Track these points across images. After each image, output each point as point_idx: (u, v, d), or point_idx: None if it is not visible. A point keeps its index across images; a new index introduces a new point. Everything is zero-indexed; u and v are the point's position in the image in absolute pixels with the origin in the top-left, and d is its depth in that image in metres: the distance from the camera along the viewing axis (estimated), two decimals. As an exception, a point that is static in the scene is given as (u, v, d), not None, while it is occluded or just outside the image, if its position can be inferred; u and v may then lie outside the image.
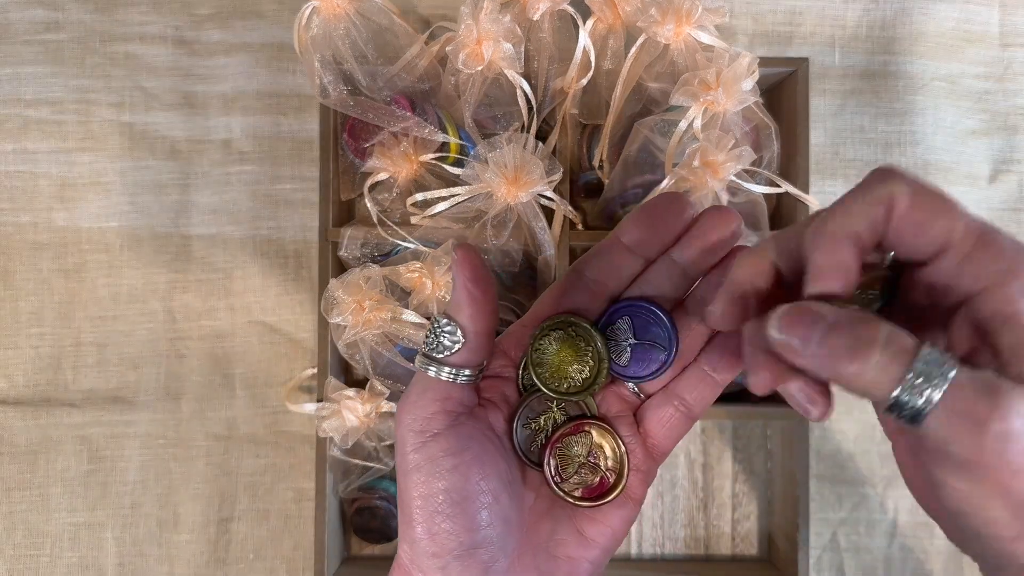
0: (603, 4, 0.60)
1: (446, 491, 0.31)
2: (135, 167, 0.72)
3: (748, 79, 0.54)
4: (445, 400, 0.32)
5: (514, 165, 0.55)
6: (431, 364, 0.32)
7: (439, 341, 0.31)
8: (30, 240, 0.72)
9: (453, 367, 0.31)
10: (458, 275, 0.31)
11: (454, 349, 0.31)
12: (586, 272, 0.34)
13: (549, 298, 0.34)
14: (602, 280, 0.33)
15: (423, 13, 0.72)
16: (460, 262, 0.30)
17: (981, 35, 0.73)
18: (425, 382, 0.32)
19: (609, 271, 0.33)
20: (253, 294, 0.72)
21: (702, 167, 0.54)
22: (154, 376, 0.72)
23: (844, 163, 0.73)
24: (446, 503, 0.31)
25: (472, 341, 0.31)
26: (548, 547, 0.34)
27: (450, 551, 0.31)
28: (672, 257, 0.33)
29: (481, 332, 0.31)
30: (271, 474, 0.72)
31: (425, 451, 0.31)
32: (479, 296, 0.30)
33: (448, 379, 0.31)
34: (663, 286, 0.33)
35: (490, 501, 0.32)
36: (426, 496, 0.31)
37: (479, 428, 0.33)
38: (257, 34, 0.72)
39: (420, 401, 0.32)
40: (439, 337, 0.31)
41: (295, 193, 0.72)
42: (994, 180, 0.73)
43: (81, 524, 0.72)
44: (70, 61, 0.72)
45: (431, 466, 0.31)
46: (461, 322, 0.31)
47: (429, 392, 0.32)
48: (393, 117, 0.58)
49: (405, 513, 0.31)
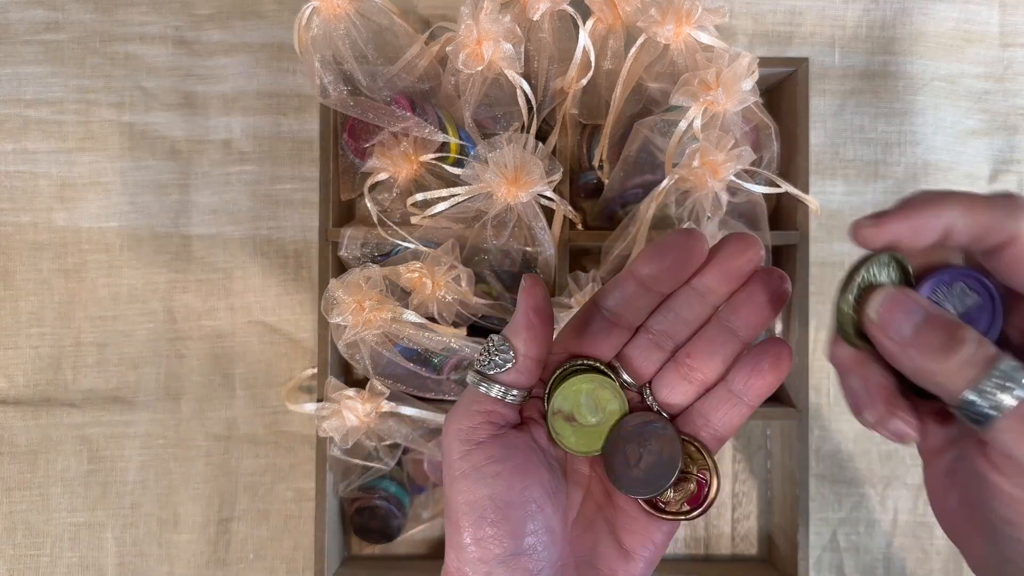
0: (603, 4, 0.60)
1: (491, 497, 0.32)
2: (135, 167, 0.72)
3: (748, 79, 0.54)
4: (491, 413, 0.33)
5: (514, 165, 0.55)
6: (483, 380, 0.33)
7: (492, 359, 0.33)
8: (30, 240, 0.72)
9: (503, 385, 0.33)
10: (522, 301, 0.33)
11: (504, 368, 0.33)
12: (604, 303, 0.34)
13: (569, 330, 0.35)
14: (620, 312, 0.34)
15: (423, 13, 0.72)
16: (527, 290, 0.33)
17: (981, 35, 0.73)
18: (474, 396, 0.33)
19: (626, 303, 0.34)
20: (253, 294, 0.72)
21: (702, 167, 0.54)
22: (154, 376, 0.72)
23: (844, 163, 0.73)
24: (491, 509, 0.31)
25: (523, 364, 0.33)
26: (591, 560, 0.34)
27: (495, 556, 0.31)
28: (693, 285, 0.33)
29: (533, 357, 0.33)
30: (271, 474, 0.72)
31: (470, 459, 0.32)
32: (537, 325, 0.32)
33: (497, 396, 0.33)
34: (686, 314, 0.34)
35: (534, 509, 0.32)
36: (471, 503, 0.32)
37: (523, 439, 0.34)
38: (257, 34, 0.72)
39: (467, 412, 0.33)
40: (492, 355, 0.33)
41: (295, 193, 0.72)
42: (994, 180, 0.73)
43: (81, 524, 0.72)
44: (70, 61, 0.72)
45: (476, 473, 0.32)
46: (516, 344, 0.33)
47: (476, 405, 0.33)
48: (393, 117, 0.58)
49: (451, 520, 0.32)
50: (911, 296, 0.27)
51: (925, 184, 0.72)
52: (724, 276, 0.33)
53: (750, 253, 0.32)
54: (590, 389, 0.34)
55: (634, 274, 0.33)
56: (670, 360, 0.35)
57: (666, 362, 0.35)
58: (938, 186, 0.72)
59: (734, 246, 0.32)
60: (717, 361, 0.34)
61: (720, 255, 0.33)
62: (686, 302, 0.34)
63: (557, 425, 0.35)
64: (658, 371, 0.35)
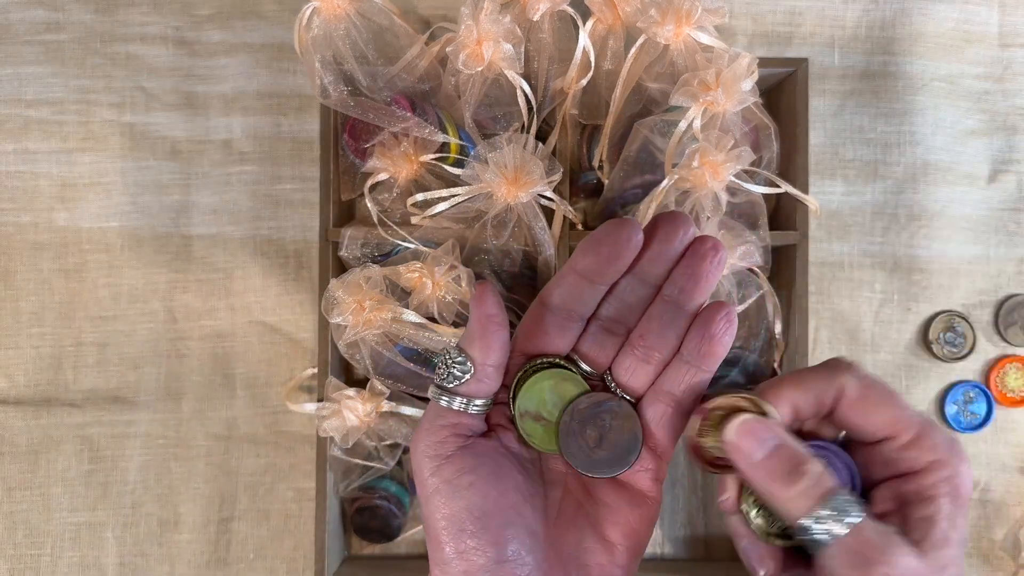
0: (603, 5, 0.60)
1: (467, 509, 0.32)
2: (136, 167, 0.72)
3: (748, 79, 0.54)
4: (456, 426, 0.33)
5: (514, 165, 0.55)
6: (443, 394, 0.33)
7: (449, 371, 0.33)
8: (31, 240, 0.72)
9: (464, 397, 0.33)
10: (475, 310, 0.33)
11: (463, 379, 0.32)
12: (551, 301, 0.34)
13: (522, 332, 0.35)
14: (568, 307, 0.34)
15: (423, 13, 0.72)
16: (478, 298, 0.32)
17: (980, 35, 0.73)
18: (437, 411, 0.33)
19: (572, 298, 0.33)
20: (253, 294, 0.72)
21: (702, 167, 0.54)
22: (154, 376, 0.72)
23: (843, 163, 0.73)
24: (469, 521, 0.32)
25: (482, 372, 0.33)
26: (578, 556, 0.34)
27: (480, 567, 0.31)
28: (633, 272, 0.33)
29: (491, 364, 0.33)
30: (271, 474, 0.72)
31: (441, 473, 0.32)
32: (492, 331, 0.32)
33: (459, 408, 0.33)
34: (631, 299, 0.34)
35: (512, 515, 0.32)
36: (449, 517, 0.32)
37: (491, 446, 0.34)
38: (257, 34, 0.72)
39: (432, 428, 0.33)
40: (450, 368, 0.33)
41: (295, 193, 0.72)
42: (993, 180, 0.73)
43: (82, 524, 0.72)
44: (71, 61, 0.72)
45: (449, 487, 0.32)
46: (472, 354, 0.32)
47: (440, 419, 0.33)
48: (393, 117, 0.59)
49: (432, 537, 0.32)
50: (768, 425, 0.31)
51: (925, 183, 0.72)
52: (661, 259, 0.33)
53: (681, 232, 0.32)
54: (552, 384, 0.34)
55: (574, 269, 0.33)
56: (625, 345, 0.34)
57: (621, 347, 0.34)
58: (938, 186, 0.72)
59: (667, 228, 0.32)
60: (671, 338, 0.33)
61: (655, 239, 0.32)
62: (629, 287, 0.33)
63: (526, 426, 0.34)
64: (615, 357, 0.35)
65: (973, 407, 0.72)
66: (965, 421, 0.72)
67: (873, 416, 0.31)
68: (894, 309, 0.73)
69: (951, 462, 0.30)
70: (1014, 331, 0.72)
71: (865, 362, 0.72)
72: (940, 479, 0.30)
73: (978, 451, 0.72)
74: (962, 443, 0.31)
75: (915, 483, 0.30)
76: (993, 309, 0.73)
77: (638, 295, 0.34)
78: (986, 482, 0.72)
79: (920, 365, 0.72)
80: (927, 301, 0.72)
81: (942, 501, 0.29)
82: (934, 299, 0.72)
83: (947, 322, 0.72)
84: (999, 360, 0.72)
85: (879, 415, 0.31)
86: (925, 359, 0.73)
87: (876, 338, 0.72)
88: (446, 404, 0.33)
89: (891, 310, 0.73)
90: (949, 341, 0.72)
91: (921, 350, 0.73)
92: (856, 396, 0.31)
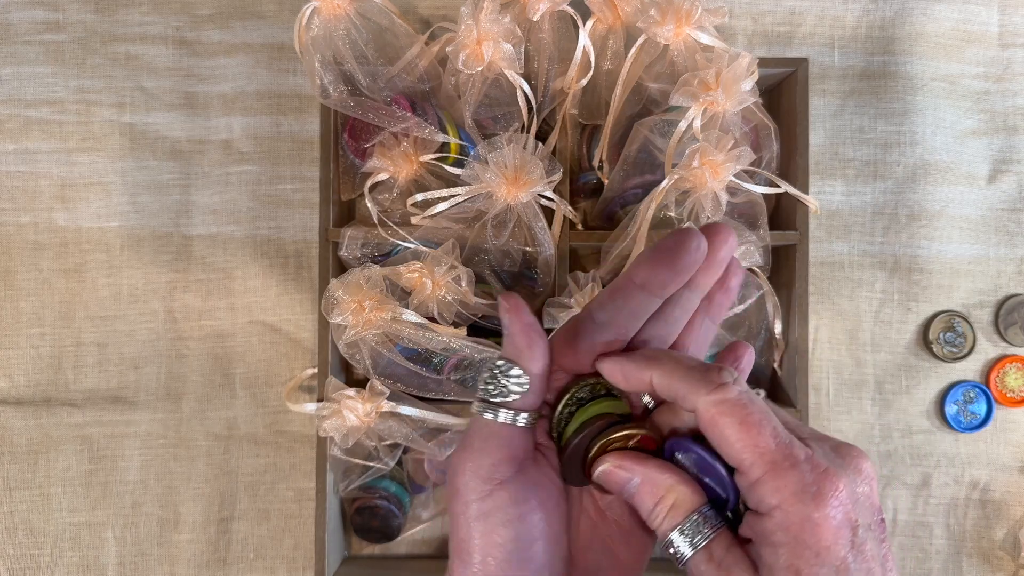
0: (603, 4, 0.60)
1: (514, 539, 0.31)
2: (136, 167, 0.72)
3: (748, 79, 0.54)
4: (509, 446, 0.31)
5: (514, 165, 0.55)
6: (489, 408, 0.32)
7: (505, 387, 0.31)
8: (31, 240, 0.72)
9: (514, 411, 0.31)
10: (513, 322, 0.31)
11: (523, 391, 0.31)
12: (598, 315, 0.32)
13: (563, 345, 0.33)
14: (616, 321, 0.32)
15: (423, 13, 0.72)
16: (512, 309, 0.31)
17: (980, 35, 0.73)
18: (487, 428, 0.32)
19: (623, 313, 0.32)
20: (253, 294, 0.72)
21: (702, 167, 0.54)
22: (155, 376, 0.72)
23: (843, 163, 0.73)
24: (510, 550, 0.31)
25: (535, 384, 0.31)
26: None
27: None
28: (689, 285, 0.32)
29: (542, 375, 0.32)
30: (271, 474, 0.72)
31: (492, 500, 0.31)
32: (536, 340, 0.31)
33: (507, 422, 0.31)
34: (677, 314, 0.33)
35: (552, 546, 0.32)
36: (490, 545, 0.31)
37: (543, 472, 0.33)
38: (257, 34, 0.72)
39: (485, 448, 0.31)
40: (504, 382, 0.31)
41: (295, 193, 0.72)
42: (993, 180, 0.73)
43: (82, 524, 0.72)
44: (71, 61, 0.72)
45: (499, 514, 0.31)
46: (524, 366, 0.31)
47: (493, 439, 0.31)
48: (393, 117, 0.59)
49: (463, 556, 0.31)
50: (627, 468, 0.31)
51: (925, 183, 0.72)
52: (713, 269, 0.32)
53: (731, 240, 0.32)
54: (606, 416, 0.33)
55: (632, 280, 0.31)
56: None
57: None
58: (937, 186, 0.72)
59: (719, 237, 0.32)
60: (703, 351, 0.34)
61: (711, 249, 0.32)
62: (678, 301, 0.33)
63: None
64: None
65: (973, 407, 0.72)
66: (965, 421, 0.72)
67: (722, 444, 0.29)
68: (894, 309, 0.73)
69: (796, 510, 0.27)
70: (1014, 331, 0.72)
71: (865, 362, 0.72)
72: (779, 526, 0.27)
73: (978, 451, 0.72)
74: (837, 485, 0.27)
75: (760, 524, 0.28)
76: (993, 309, 0.73)
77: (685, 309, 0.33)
78: (986, 482, 0.72)
79: (920, 365, 0.72)
80: (927, 301, 0.72)
81: (780, 551, 0.27)
82: (934, 299, 0.72)
83: (947, 322, 0.72)
84: (999, 360, 0.72)
85: (728, 444, 0.28)
86: (925, 359, 0.73)
87: (876, 338, 0.72)
88: (494, 417, 0.31)
89: (891, 310, 0.73)
90: (949, 341, 0.72)
91: (921, 350, 0.73)
92: (706, 419, 0.29)
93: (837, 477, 0.27)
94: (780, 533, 0.27)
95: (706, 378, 0.29)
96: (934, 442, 0.72)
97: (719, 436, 0.28)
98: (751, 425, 0.28)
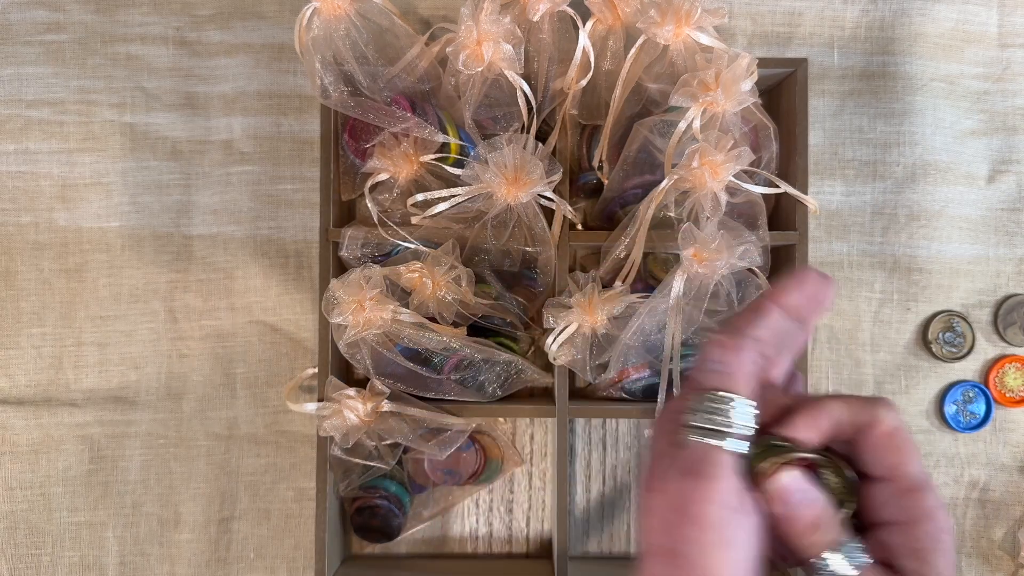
0: (603, 5, 0.60)
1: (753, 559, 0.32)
2: (136, 167, 0.72)
3: (747, 80, 0.54)
4: (738, 473, 0.33)
5: (514, 165, 0.55)
6: (724, 439, 0.33)
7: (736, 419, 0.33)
8: (31, 240, 0.72)
9: (742, 440, 0.33)
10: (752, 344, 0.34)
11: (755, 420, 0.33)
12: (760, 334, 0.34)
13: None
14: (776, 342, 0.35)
15: (423, 14, 0.72)
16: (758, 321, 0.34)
17: (980, 35, 0.73)
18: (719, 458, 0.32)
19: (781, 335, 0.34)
20: (254, 294, 0.72)
21: (701, 167, 0.54)
22: (155, 376, 0.72)
23: (843, 163, 0.73)
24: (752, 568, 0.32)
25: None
26: None
27: None
28: None
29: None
30: (272, 473, 0.72)
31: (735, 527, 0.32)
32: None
33: (742, 451, 0.33)
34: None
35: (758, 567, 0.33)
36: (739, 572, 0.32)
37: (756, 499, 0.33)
38: (258, 35, 0.72)
39: (725, 474, 0.32)
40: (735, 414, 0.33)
41: (296, 193, 0.72)
42: (992, 180, 0.73)
43: (82, 523, 0.72)
44: (71, 62, 0.72)
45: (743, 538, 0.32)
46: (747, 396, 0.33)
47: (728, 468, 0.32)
48: (393, 118, 0.59)
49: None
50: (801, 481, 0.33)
51: (924, 183, 0.72)
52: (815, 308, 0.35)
53: (831, 290, 0.35)
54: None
55: (777, 303, 0.34)
56: None
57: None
58: (937, 186, 0.72)
59: (819, 284, 0.34)
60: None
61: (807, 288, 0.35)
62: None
63: None
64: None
65: (972, 407, 0.72)
66: (964, 421, 0.72)
67: (901, 452, 0.33)
68: (894, 309, 0.73)
69: (944, 521, 0.32)
70: (1013, 331, 0.72)
71: (865, 362, 0.72)
72: (933, 532, 0.31)
73: (977, 451, 0.72)
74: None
75: (907, 535, 0.32)
76: (992, 309, 0.73)
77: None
78: (985, 482, 0.72)
79: (919, 365, 0.72)
80: (926, 301, 0.72)
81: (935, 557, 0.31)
82: (933, 299, 0.72)
83: (946, 322, 0.72)
84: (998, 360, 0.72)
85: (907, 453, 0.33)
86: (924, 359, 0.73)
87: (876, 338, 0.73)
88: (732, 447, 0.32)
89: (891, 310, 0.73)
90: (948, 341, 0.72)
91: (920, 350, 0.73)
92: (886, 430, 0.33)
93: None
94: (930, 540, 0.31)
95: (882, 400, 0.34)
96: (933, 442, 0.72)
97: (898, 445, 0.33)
98: (915, 446, 0.33)
